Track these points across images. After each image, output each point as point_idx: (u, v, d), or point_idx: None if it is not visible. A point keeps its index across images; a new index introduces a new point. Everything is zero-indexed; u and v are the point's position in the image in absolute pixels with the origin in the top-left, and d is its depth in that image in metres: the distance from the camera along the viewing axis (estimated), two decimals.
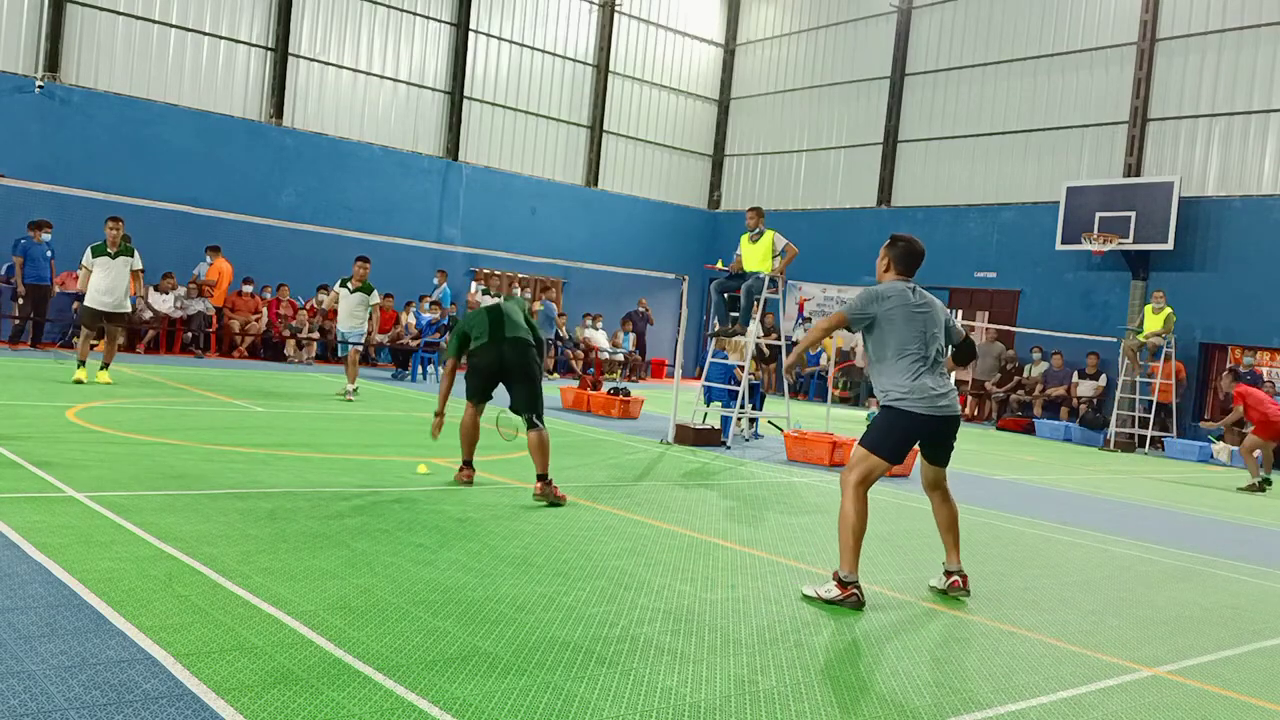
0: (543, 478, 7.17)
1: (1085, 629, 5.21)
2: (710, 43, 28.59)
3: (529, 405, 7.28)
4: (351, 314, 13.82)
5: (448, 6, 23.80)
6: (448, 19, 23.80)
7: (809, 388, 23.58)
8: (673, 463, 10.22)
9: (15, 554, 4.58)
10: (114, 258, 12.14)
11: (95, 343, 12.56)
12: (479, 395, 7.61)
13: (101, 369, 12.03)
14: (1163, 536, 8.53)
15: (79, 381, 11.87)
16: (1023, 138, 22.39)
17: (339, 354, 14.48)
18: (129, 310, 12.73)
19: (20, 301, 16.75)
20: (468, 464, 7.75)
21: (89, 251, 12.18)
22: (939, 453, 5.60)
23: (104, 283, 12.07)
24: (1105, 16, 21.22)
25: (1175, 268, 19.44)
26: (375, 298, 14.03)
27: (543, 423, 7.29)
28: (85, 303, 12.17)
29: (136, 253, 12.52)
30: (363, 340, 14.25)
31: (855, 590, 5.12)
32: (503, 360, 7.32)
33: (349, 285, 13.86)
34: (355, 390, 13.66)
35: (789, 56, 27.37)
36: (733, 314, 12.73)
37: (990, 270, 22.50)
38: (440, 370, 19.19)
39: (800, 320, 25.42)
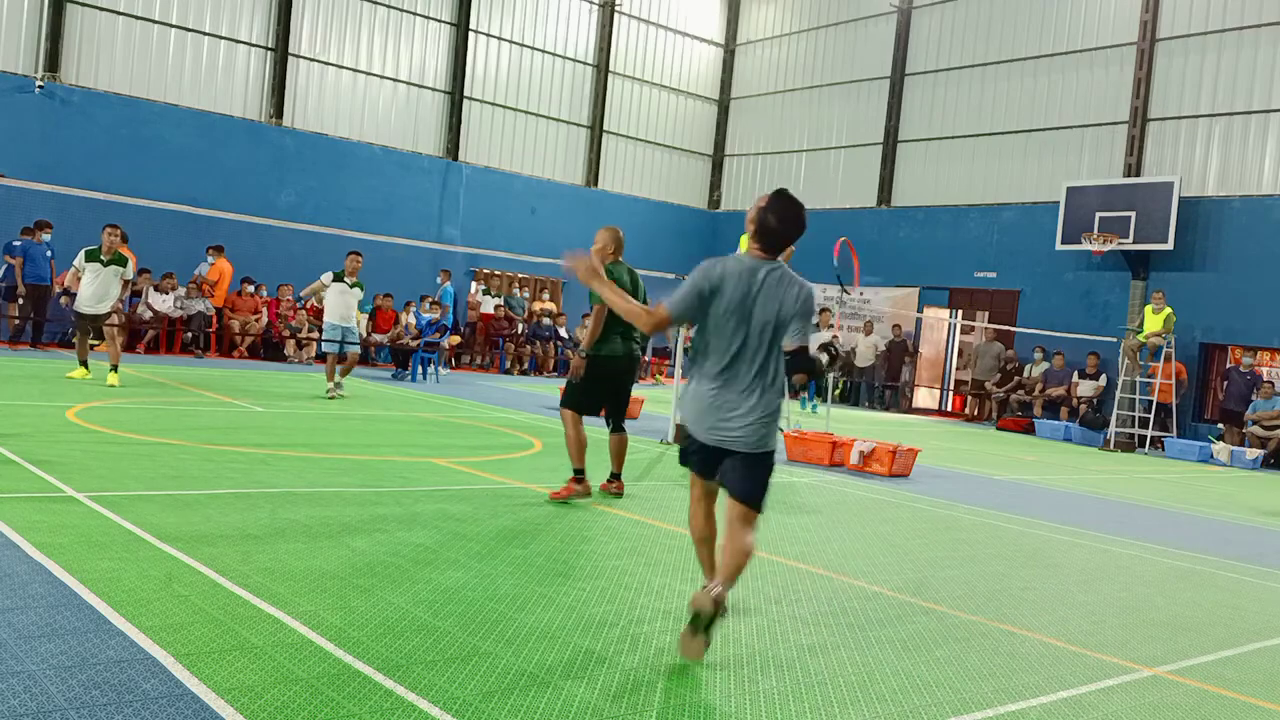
0: (616, 476, 7.65)
1: (1085, 629, 5.21)
2: (710, 43, 28.58)
3: (618, 412, 7.55)
4: (349, 309, 13.54)
5: (448, 6, 23.79)
6: (448, 19, 23.79)
7: (808, 388, 23.53)
8: (673, 463, 10.21)
9: (15, 554, 4.58)
10: (105, 265, 12.18)
11: (95, 343, 12.64)
12: (588, 408, 7.24)
13: (111, 371, 11.99)
14: (1163, 536, 8.53)
15: (72, 378, 12.01)
16: (1023, 138, 22.38)
17: (338, 350, 13.49)
18: (112, 309, 12.42)
19: (20, 302, 16.77)
20: (582, 474, 7.19)
21: (82, 254, 12.30)
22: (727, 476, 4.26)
23: (91, 289, 12.16)
24: (1105, 16, 21.22)
25: (1175, 268, 19.44)
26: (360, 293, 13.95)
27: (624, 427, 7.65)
28: (75, 307, 12.42)
29: (130, 262, 12.56)
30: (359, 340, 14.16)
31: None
32: (623, 373, 7.33)
33: (346, 280, 13.50)
34: (340, 385, 13.36)
35: (789, 56, 27.36)
36: None
37: (990, 270, 22.50)
38: (440, 370, 19.30)
39: None
